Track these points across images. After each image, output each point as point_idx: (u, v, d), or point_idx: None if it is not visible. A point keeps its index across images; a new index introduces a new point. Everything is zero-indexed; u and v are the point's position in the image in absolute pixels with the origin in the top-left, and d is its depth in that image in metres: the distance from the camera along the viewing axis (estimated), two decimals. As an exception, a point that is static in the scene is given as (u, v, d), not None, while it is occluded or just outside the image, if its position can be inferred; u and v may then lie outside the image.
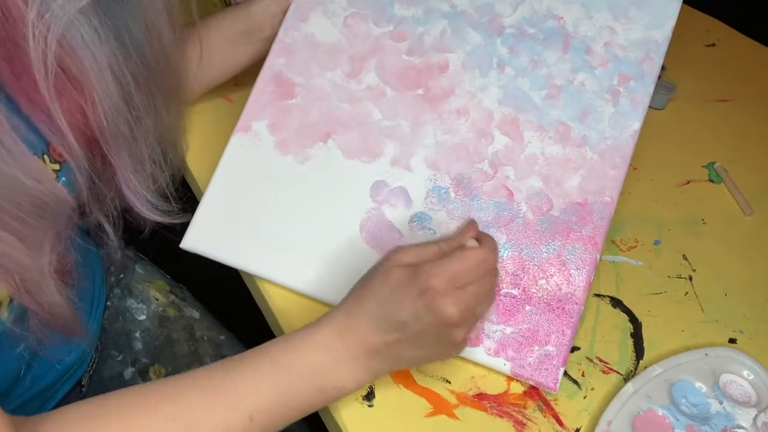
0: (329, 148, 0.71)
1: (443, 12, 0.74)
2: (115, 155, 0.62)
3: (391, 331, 0.54)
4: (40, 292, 0.54)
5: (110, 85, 0.57)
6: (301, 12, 0.75)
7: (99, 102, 0.57)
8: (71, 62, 0.54)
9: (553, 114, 0.70)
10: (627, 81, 0.70)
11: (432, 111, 0.71)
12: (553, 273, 0.66)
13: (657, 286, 0.75)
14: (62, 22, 0.50)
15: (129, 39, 0.58)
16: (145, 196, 0.66)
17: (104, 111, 0.58)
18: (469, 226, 0.59)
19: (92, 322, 0.77)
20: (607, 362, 0.67)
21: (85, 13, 0.52)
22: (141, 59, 0.61)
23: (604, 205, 0.67)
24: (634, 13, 0.72)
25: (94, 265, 0.79)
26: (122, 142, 0.62)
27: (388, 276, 0.55)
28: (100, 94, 0.57)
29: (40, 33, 0.49)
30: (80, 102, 0.57)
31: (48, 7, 0.49)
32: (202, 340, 0.86)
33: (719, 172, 0.88)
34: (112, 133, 0.60)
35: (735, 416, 0.63)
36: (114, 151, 0.62)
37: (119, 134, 0.61)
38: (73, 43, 0.53)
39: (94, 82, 0.56)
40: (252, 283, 0.71)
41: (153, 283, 0.88)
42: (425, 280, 0.53)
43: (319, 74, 0.73)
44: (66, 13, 0.50)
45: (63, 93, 0.55)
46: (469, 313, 0.55)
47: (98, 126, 0.59)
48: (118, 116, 0.60)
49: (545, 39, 0.72)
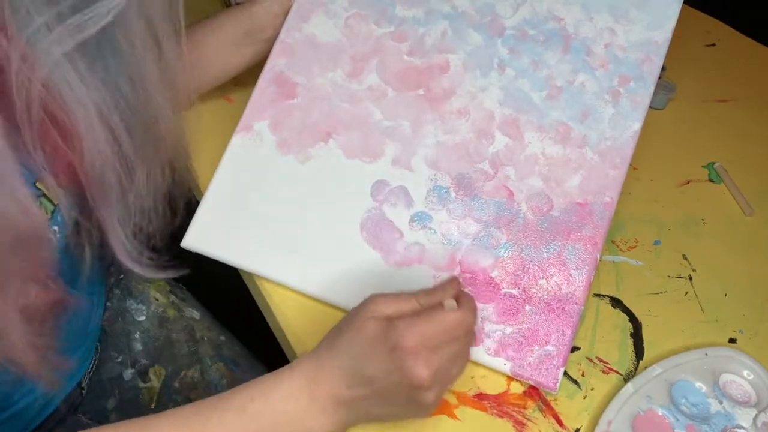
0: (330, 147, 0.71)
1: (444, 13, 0.74)
2: (101, 204, 0.60)
3: (360, 385, 0.53)
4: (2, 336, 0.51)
5: (98, 133, 0.55)
6: (302, 12, 0.75)
7: (86, 150, 0.55)
8: (57, 108, 0.52)
9: (554, 114, 0.70)
10: (627, 82, 0.70)
11: (433, 111, 0.71)
12: (553, 273, 0.66)
13: (657, 286, 0.75)
14: (47, 65, 0.49)
15: (116, 86, 0.56)
16: (126, 246, 0.64)
17: (91, 160, 0.56)
18: (450, 283, 0.58)
19: (92, 323, 0.77)
20: (607, 362, 0.68)
21: (71, 58, 0.50)
22: (129, 106, 0.58)
23: (604, 206, 0.67)
24: (634, 14, 0.72)
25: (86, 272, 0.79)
26: (110, 191, 0.60)
27: (362, 329, 0.53)
28: (88, 142, 0.54)
29: (24, 76, 0.48)
30: (66, 150, 0.54)
31: (32, 51, 0.48)
32: (202, 340, 0.86)
33: (719, 172, 0.88)
34: (98, 182, 0.58)
35: (735, 416, 0.63)
36: (99, 201, 0.60)
37: (107, 183, 0.59)
38: (59, 89, 0.51)
39: (81, 129, 0.53)
40: (252, 283, 0.71)
41: (153, 283, 0.88)
42: (397, 339, 0.51)
43: (321, 74, 0.73)
44: (51, 56, 0.49)
45: (48, 139, 0.53)
46: (441, 375, 0.53)
47: (84, 174, 0.57)
48: (106, 165, 0.57)
49: (546, 40, 0.72)
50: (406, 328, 0.52)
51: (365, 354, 0.53)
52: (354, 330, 0.54)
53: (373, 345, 0.52)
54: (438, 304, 0.55)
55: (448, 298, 0.55)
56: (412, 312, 0.54)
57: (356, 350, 0.53)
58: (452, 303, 0.55)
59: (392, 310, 0.54)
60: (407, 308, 0.55)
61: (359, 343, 0.53)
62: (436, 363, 0.52)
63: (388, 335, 0.52)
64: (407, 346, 0.51)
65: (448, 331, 0.53)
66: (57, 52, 0.49)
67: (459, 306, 0.54)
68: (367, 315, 0.54)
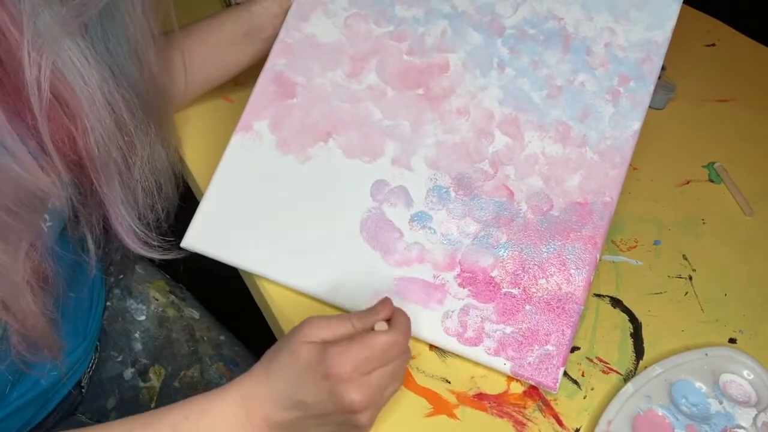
0: (330, 147, 0.71)
1: (444, 12, 0.74)
2: (104, 185, 0.61)
3: (294, 409, 0.53)
4: (14, 299, 0.53)
5: (101, 110, 0.57)
6: (302, 12, 0.75)
7: (90, 129, 0.56)
8: (62, 87, 0.53)
9: (554, 114, 0.70)
10: (627, 81, 0.70)
11: (432, 111, 0.71)
12: (553, 272, 0.66)
13: (657, 286, 0.75)
14: (53, 47, 0.50)
15: (117, 64, 0.58)
16: (132, 229, 0.65)
17: (96, 138, 0.57)
18: (382, 304, 0.57)
19: (92, 322, 0.77)
20: (607, 362, 0.68)
21: (73, 37, 0.52)
22: (130, 84, 0.60)
23: (604, 205, 0.67)
24: (634, 14, 0.72)
25: (87, 269, 0.79)
26: (113, 170, 0.61)
27: (296, 352, 0.54)
28: (92, 120, 0.56)
29: (34, 59, 0.49)
30: (71, 128, 0.56)
31: (40, 33, 0.49)
32: (202, 340, 0.86)
33: (719, 172, 0.88)
34: (103, 161, 0.59)
35: (735, 416, 0.63)
36: (104, 180, 0.61)
37: (111, 162, 0.60)
38: (63, 68, 0.53)
39: (85, 108, 0.55)
40: (252, 283, 0.71)
41: (153, 283, 0.88)
42: (330, 366, 0.52)
43: (320, 74, 0.73)
44: (56, 37, 0.50)
45: (53, 118, 0.54)
46: (375, 398, 0.54)
47: (88, 153, 0.58)
48: (110, 143, 0.59)
49: (546, 40, 0.72)
50: (338, 354, 0.52)
51: (299, 379, 0.53)
52: (289, 353, 0.54)
53: (307, 371, 0.53)
54: (370, 328, 0.55)
55: (380, 321, 0.56)
56: (346, 335, 0.55)
57: (290, 375, 0.53)
58: (383, 325, 0.55)
59: (327, 333, 0.55)
60: (341, 331, 0.55)
61: (293, 367, 0.53)
62: (369, 387, 0.53)
63: (321, 362, 0.52)
64: (340, 373, 0.52)
65: (381, 354, 0.53)
66: (62, 34, 0.51)
67: (391, 327, 0.55)
68: (302, 339, 0.54)
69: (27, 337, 0.55)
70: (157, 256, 0.67)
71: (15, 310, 0.53)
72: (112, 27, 0.57)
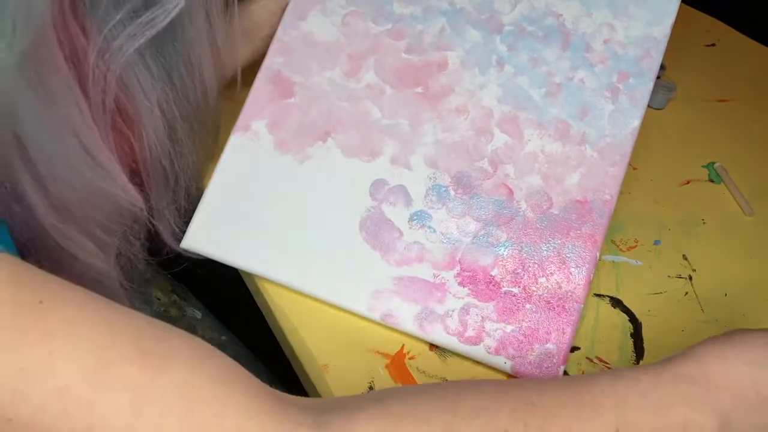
0: (329, 147, 0.71)
1: (442, 10, 0.74)
2: (153, 188, 0.63)
3: None
4: None
5: (158, 122, 0.58)
6: (299, 10, 0.75)
7: (146, 137, 0.58)
8: (124, 99, 0.55)
9: (553, 111, 0.70)
10: (626, 78, 0.70)
11: (431, 109, 0.71)
12: (553, 271, 0.65)
13: (657, 286, 0.75)
14: (121, 61, 0.51)
15: (177, 77, 0.59)
16: (173, 229, 0.67)
17: (149, 146, 0.59)
18: None
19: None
20: (607, 362, 0.67)
21: (140, 51, 0.53)
22: (186, 97, 0.61)
23: (604, 203, 0.67)
24: (633, 10, 0.72)
25: None
26: (161, 175, 0.63)
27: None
28: (148, 130, 0.58)
29: (100, 71, 0.50)
30: (129, 136, 0.57)
31: (108, 47, 0.50)
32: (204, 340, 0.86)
33: (719, 172, 0.88)
34: (154, 167, 0.61)
35: (736, 415, 0.62)
36: (153, 183, 0.63)
37: (160, 168, 0.62)
38: (127, 81, 0.54)
39: (143, 119, 0.57)
40: (252, 283, 0.70)
41: (155, 283, 0.88)
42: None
43: (318, 73, 0.73)
44: (125, 52, 0.51)
45: (114, 128, 0.55)
46: None
47: (142, 159, 0.60)
48: (162, 151, 0.61)
49: (544, 36, 0.72)
50: None
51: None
52: None
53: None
54: None
55: None
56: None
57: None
58: None
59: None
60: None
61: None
62: None
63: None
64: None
65: None
66: (130, 48, 0.52)
67: None
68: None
69: None
70: None
71: None
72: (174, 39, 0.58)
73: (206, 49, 0.62)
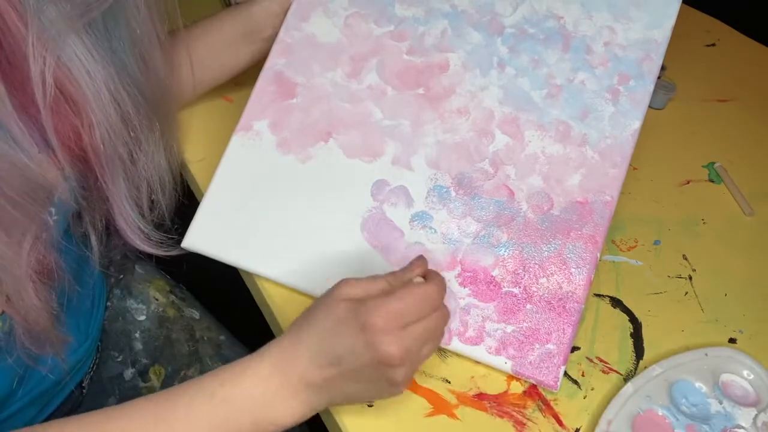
0: (330, 147, 0.71)
1: (444, 12, 0.74)
2: (109, 180, 0.61)
3: (330, 366, 0.53)
4: (17, 293, 0.53)
5: (108, 106, 0.57)
6: (302, 12, 0.75)
7: (96, 124, 0.57)
8: (68, 82, 0.54)
9: (554, 113, 0.70)
10: (627, 80, 0.70)
11: (433, 110, 0.71)
12: (554, 271, 0.66)
13: (657, 286, 0.75)
14: (59, 41, 0.51)
15: (123, 62, 0.59)
16: (136, 224, 0.65)
17: (101, 133, 0.58)
18: (417, 262, 0.58)
19: (93, 322, 0.77)
20: (607, 362, 0.67)
21: (78, 34, 0.53)
22: (135, 82, 0.61)
23: (605, 204, 0.67)
24: (633, 12, 0.72)
25: (92, 265, 0.79)
26: (119, 166, 0.62)
27: (331, 310, 0.54)
28: (98, 116, 0.57)
29: (39, 52, 0.50)
30: (76, 123, 0.56)
31: (44, 28, 0.50)
32: (202, 340, 0.86)
33: (719, 172, 0.88)
34: (109, 157, 0.60)
35: (735, 416, 0.63)
36: (108, 176, 0.61)
37: (117, 158, 0.61)
38: (69, 63, 0.53)
39: (91, 103, 0.56)
40: (252, 283, 0.71)
41: (153, 283, 0.88)
42: (367, 317, 0.52)
43: (320, 74, 0.73)
44: (60, 33, 0.51)
45: (58, 113, 0.55)
46: (412, 353, 0.53)
47: (94, 149, 0.58)
48: (116, 138, 0.59)
49: (545, 39, 0.72)
50: (375, 307, 0.52)
51: (335, 334, 0.53)
52: (325, 310, 0.54)
53: (343, 324, 0.53)
54: (406, 282, 0.56)
55: (416, 277, 0.57)
56: (382, 292, 0.55)
57: (326, 331, 0.53)
58: (420, 279, 0.56)
59: (362, 292, 0.55)
60: (376, 289, 0.55)
61: (329, 323, 0.54)
62: (407, 340, 0.52)
63: (357, 315, 0.52)
64: (377, 324, 0.52)
65: (416, 306, 0.53)
66: (66, 30, 0.52)
67: (426, 282, 0.55)
68: (339, 297, 0.54)
69: (30, 332, 0.56)
70: (160, 252, 0.67)
71: (17, 304, 0.53)
72: (116, 27, 0.57)
73: (154, 42, 0.62)
